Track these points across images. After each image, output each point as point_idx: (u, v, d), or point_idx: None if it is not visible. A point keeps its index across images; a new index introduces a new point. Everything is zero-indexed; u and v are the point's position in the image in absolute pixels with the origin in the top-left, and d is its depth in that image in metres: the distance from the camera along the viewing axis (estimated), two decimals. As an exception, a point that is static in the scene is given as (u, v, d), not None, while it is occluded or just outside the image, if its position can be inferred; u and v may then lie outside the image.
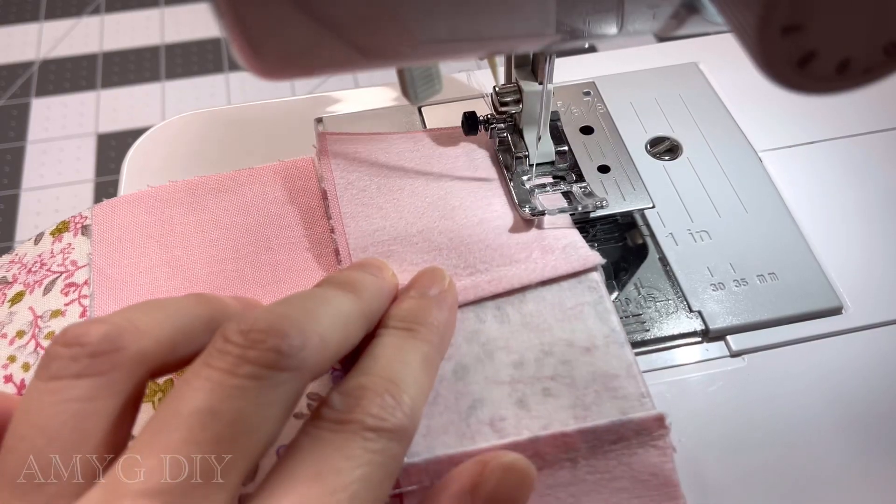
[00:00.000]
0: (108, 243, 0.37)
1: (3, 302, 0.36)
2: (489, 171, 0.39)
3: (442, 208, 0.37)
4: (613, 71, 0.46)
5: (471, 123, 0.38)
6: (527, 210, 0.36)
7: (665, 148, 0.42)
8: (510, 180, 0.38)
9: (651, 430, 0.29)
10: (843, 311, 0.35)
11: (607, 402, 0.30)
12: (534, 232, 0.36)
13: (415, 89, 0.32)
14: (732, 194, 0.40)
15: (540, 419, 0.30)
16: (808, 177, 0.41)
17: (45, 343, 0.34)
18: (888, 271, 0.37)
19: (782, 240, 0.38)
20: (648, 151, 0.42)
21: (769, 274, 0.36)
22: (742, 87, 0.45)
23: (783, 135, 0.43)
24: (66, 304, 0.35)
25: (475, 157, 0.39)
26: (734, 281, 0.36)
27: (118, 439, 0.23)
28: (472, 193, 0.38)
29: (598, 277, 0.34)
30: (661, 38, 0.35)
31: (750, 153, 0.42)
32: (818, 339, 0.35)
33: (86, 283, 0.36)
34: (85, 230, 0.38)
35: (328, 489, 0.22)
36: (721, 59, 0.47)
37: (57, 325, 0.34)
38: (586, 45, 0.28)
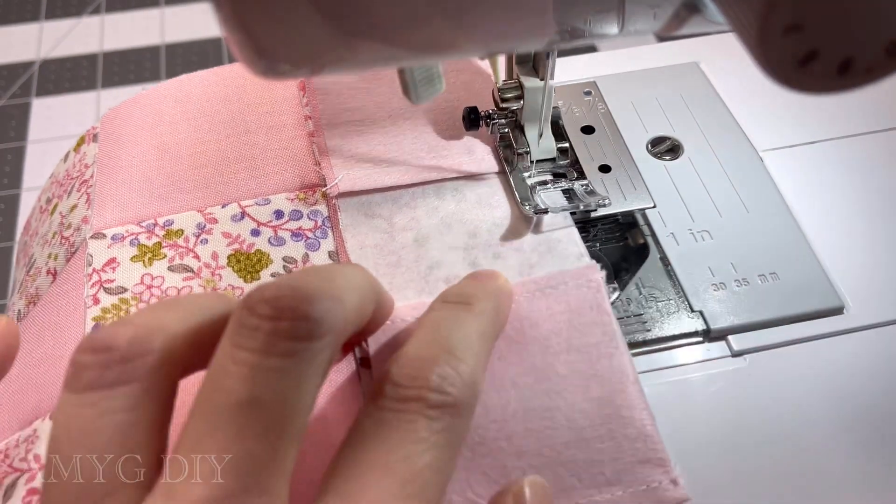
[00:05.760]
0: (110, 140, 0.42)
1: (49, 216, 0.42)
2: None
3: None
4: (614, 70, 0.46)
5: (472, 118, 0.38)
6: (529, 208, 0.36)
7: (666, 148, 0.42)
8: (510, 176, 0.37)
9: (587, 275, 0.33)
10: (844, 311, 0.35)
11: (549, 260, 0.34)
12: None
13: (416, 89, 0.32)
14: (734, 194, 0.39)
15: None
16: (810, 176, 0.41)
17: (67, 233, 0.38)
18: (890, 271, 0.37)
19: (784, 239, 0.38)
20: (649, 151, 0.42)
21: (770, 274, 0.36)
22: (743, 87, 0.45)
23: (785, 134, 0.43)
24: (79, 199, 0.40)
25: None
26: (735, 281, 0.36)
27: (161, 442, 0.22)
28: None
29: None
30: (662, 38, 0.35)
31: (751, 153, 0.42)
32: (820, 338, 0.34)
33: (92, 176, 0.40)
34: (95, 138, 0.42)
35: (399, 480, 0.22)
36: (722, 59, 0.46)
37: (74, 218, 0.39)
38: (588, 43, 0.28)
